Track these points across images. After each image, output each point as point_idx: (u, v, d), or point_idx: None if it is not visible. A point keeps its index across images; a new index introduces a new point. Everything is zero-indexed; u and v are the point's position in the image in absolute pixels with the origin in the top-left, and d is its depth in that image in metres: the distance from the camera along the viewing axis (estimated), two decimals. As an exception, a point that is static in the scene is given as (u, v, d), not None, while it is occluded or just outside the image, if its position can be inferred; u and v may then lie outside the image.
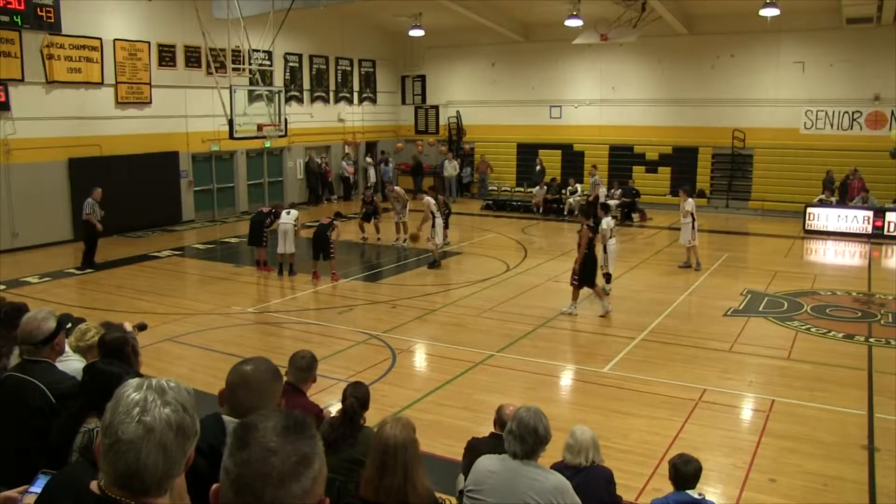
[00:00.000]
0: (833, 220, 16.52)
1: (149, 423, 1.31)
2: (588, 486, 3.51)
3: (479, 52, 22.90)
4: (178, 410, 1.34)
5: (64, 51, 14.69)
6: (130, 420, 1.31)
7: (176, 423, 1.33)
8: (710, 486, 5.01)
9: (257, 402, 2.10)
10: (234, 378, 2.20)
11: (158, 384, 1.37)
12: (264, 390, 2.16)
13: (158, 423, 1.31)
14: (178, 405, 1.35)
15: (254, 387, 2.15)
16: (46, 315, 3.20)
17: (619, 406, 6.76)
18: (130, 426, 1.30)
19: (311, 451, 1.22)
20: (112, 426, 1.32)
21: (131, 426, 1.30)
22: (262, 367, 2.23)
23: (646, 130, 20.74)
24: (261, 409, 1.98)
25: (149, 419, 1.31)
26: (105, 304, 10.10)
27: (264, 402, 2.11)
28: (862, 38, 17.83)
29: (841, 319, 9.58)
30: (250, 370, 2.20)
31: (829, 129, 18.80)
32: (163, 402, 1.34)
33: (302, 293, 11.23)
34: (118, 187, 14.66)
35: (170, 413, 1.33)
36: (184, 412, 1.35)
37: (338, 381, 6.57)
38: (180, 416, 1.34)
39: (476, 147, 23.25)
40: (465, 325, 9.61)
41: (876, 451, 5.82)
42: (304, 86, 21.08)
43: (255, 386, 2.16)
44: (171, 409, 1.33)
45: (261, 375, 2.18)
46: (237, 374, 2.20)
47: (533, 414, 3.12)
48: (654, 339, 8.76)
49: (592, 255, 9.75)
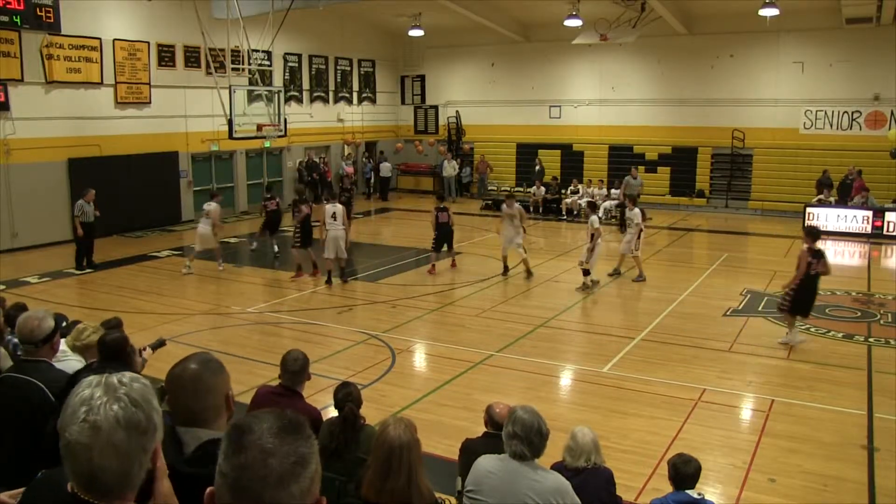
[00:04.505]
0: (833, 220, 16.52)
1: (95, 422, 1.25)
2: (588, 487, 3.51)
3: (479, 52, 22.89)
4: (127, 407, 1.28)
5: (63, 51, 14.68)
6: (76, 420, 1.26)
7: (125, 420, 1.27)
8: (709, 486, 5.00)
9: (202, 402, 1.88)
10: (171, 383, 1.93)
11: (109, 381, 1.31)
12: (208, 388, 1.91)
13: (105, 422, 1.26)
14: (127, 401, 1.29)
15: (189, 387, 1.90)
16: (45, 314, 3.20)
17: (618, 406, 6.76)
18: (76, 427, 1.26)
19: (308, 451, 1.21)
20: (62, 427, 1.28)
21: (76, 427, 1.26)
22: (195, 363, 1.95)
23: (645, 130, 20.74)
24: (207, 408, 1.87)
25: (95, 418, 1.26)
26: (105, 304, 10.09)
27: (209, 400, 1.90)
28: (861, 38, 17.83)
29: (840, 319, 9.58)
30: (182, 371, 1.93)
31: (828, 129, 18.81)
32: (111, 399, 1.28)
33: (301, 293, 11.23)
34: (118, 187, 14.66)
35: (118, 410, 1.27)
36: (135, 408, 1.29)
37: (337, 381, 6.54)
38: (130, 412, 1.28)
39: (475, 147, 23.25)
40: (465, 325, 9.60)
41: (875, 451, 5.82)
42: (304, 86, 21.08)
43: (192, 386, 1.90)
44: (120, 406, 1.28)
45: (198, 373, 1.91)
46: (173, 379, 1.93)
47: (532, 414, 3.12)
48: (654, 339, 8.76)
49: (811, 282, 8.36)
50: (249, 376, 7.22)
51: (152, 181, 16.41)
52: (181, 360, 1.98)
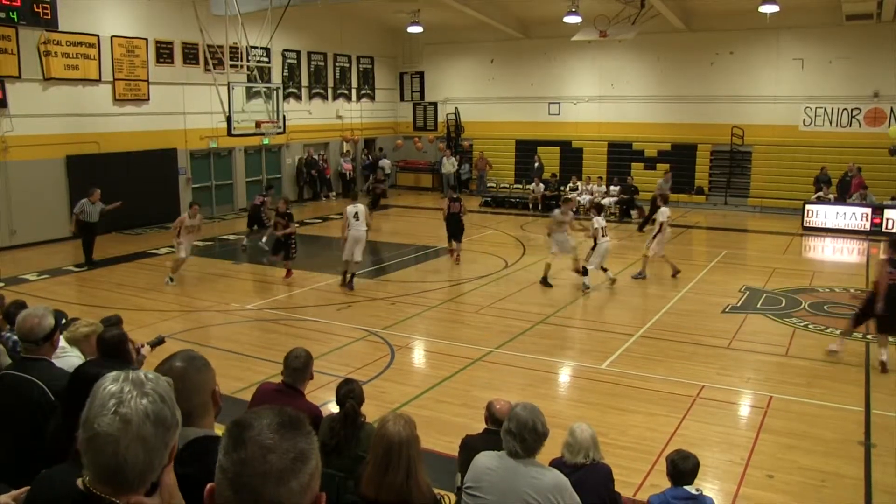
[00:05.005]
0: (832, 217, 16.54)
1: (126, 415, 1.27)
2: (587, 483, 3.52)
3: (478, 48, 22.86)
4: (155, 401, 1.31)
5: (61, 47, 14.64)
6: (106, 413, 1.27)
7: (154, 415, 1.29)
8: (707, 482, 5.02)
9: (188, 399, 1.84)
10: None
11: (136, 376, 1.34)
12: (194, 385, 1.91)
13: (136, 416, 1.28)
14: (155, 396, 1.31)
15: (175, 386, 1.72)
16: (44, 312, 3.20)
17: (617, 402, 6.77)
18: (106, 419, 1.27)
19: (307, 447, 1.22)
20: (89, 420, 1.29)
21: (107, 419, 1.27)
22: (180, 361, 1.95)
23: (644, 127, 20.73)
24: (194, 406, 1.86)
25: (125, 411, 1.28)
26: (104, 302, 10.09)
27: (196, 398, 1.90)
28: (861, 35, 17.82)
29: (839, 316, 9.59)
30: (168, 370, 1.90)
31: (828, 126, 18.81)
32: (140, 394, 1.30)
33: (300, 290, 11.23)
34: (116, 185, 14.59)
35: (147, 404, 1.29)
36: (162, 403, 1.32)
37: (336, 377, 6.55)
38: (158, 407, 1.31)
39: (475, 144, 23.23)
40: (464, 321, 9.61)
41: (872, 447, 5.84)
42: (303, 82, 21.04)
43: (178, 384, 1.75)
44: (149, 401, 1.30)
45: (183, 371, 1.91)
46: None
47: (529, 412, 3.12)
48: (653, 336, 8.78)
49: (893, 294, 7.50)
50: (249, 373, 7.23)
51: (151, 178, 16.39)
52: (165, 358, 1.98)
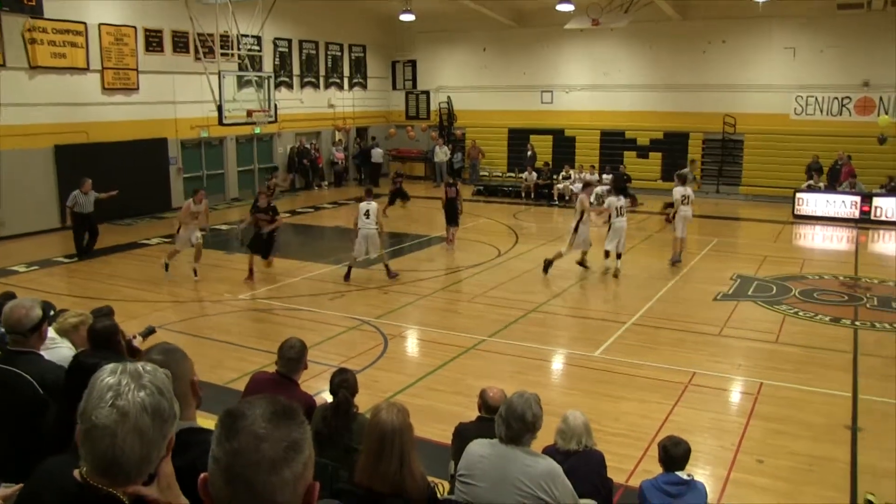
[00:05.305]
0: (822, 206, 16.67)
1: (123, 407, 1.28)
2: (580, 470, 3.55)
3: (471, 37, 22.72)
4: (153, 394, 1.31)
5: (47, 35, 14.42)
6: (104, 405, 1.28)
7: (152, 407, 1.30)
8: (698, 468, 5.07)
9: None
10: None
11: (133, 368, 1.34)
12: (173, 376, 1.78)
13: (133, 408, 1.28)
14: (153, 388, 1.32)
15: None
16: (32, 303, 3.17)
17: (609, 390, 6.83)
18: (104, 411, 1.28)
19: (300, 437, 1.22)
20: (87, 412, 1.29)
21: (104, 411, 1.28)
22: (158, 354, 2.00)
23: (637, 116, 20.73)
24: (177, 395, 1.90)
25: (123, 404, 1.28)
26: (95, 293, 10.03)
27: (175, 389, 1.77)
28: (853, 24, 17.84)
29: (828, 303, 9.69)
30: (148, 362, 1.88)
31: (818, 115, 18.88)
32: (137, 386, 1.31)
33: (293, 279, 11.21)
34: (106, 175, 14.41)
35: (145, 397, 1.30)
36: (160, 395, 1.32)
37: (329, 366, 6.56)
38: (156, 400, 1.31)
39: (467, 132, 23.15)
40: (457, 310, 9.63)
41: (859, 431, 5.93)
42: (294, 71, 20.86)
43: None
44: (146, 393, 1.31)
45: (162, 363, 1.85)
46: None
47: (524, 401, 3.12)
48: (645, 324, 8.83)
49: None
50: (242, 363, 7.22)
51: (141, 168, 16.23)
52: (143, 352, 2.03)
